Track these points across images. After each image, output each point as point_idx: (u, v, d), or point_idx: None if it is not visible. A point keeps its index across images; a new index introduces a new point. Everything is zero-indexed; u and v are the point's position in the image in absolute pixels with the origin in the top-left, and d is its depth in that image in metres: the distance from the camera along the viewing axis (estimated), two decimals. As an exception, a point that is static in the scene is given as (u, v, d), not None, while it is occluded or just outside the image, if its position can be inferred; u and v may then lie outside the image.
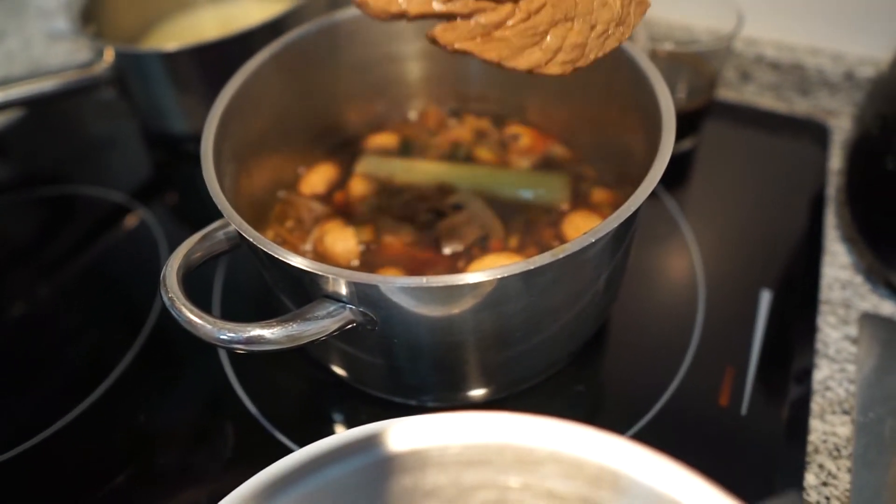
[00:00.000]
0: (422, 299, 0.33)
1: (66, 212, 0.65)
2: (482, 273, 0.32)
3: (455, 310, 0.34)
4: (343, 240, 0.46)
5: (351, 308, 0.34)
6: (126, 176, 0.67)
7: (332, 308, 0.34)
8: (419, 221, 0.47)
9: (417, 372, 0.40)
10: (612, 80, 0.46)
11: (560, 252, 0.32)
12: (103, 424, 0.46)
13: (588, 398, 0.46)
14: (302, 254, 0.46)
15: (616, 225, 0.34)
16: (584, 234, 0.33)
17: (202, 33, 0.71)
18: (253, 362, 0.49)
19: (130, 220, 0.62)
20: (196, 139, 0.40)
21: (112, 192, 0.65)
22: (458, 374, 0.40)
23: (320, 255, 0.46)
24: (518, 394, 0.45)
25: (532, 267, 0.32)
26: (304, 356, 0.48)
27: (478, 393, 0.42)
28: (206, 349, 0.49)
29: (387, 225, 0.47)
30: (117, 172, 0.68)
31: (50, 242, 0.62)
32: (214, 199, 0.37)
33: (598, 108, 0.49)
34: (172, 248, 0.38)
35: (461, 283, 0.32)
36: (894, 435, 0.43)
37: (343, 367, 0.43)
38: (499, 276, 0.31)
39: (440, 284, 0.32)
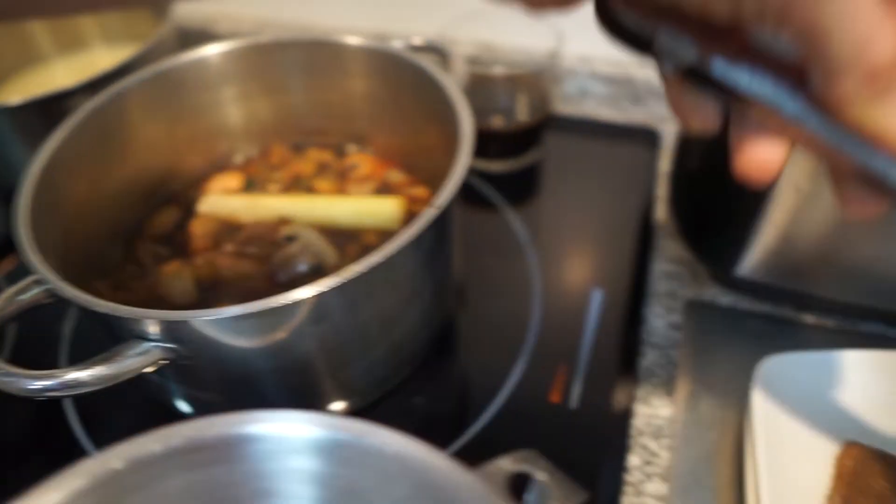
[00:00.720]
0: (223, 328, 0.35)
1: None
2: (276, 298, 0.34)
3: (257, 337, 0.36)
4: (180, 280, 0.47)
5: (160, 345, 0.35)
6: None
7: (141, 347, 0.35)
8: (255, 256, 0.49)
9: (251, 397, 0.42)
10: (430, 106, 0.49)
11: (347, 275, 0.34)
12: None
13: (427, 406, 0.48)
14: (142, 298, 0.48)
15: (413, 235, 0.36)
16: (381, 247, 0.35)
17: (53, 84, 0.71)
18: (102, 415, 0.49)
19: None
20: None
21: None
22: (290, 396, 0.42)
23: (160, 299, 0.47)
24: (363, 409, 0.47)
25: (339, 283, 0.34)
26: (152, 399, 0.49)
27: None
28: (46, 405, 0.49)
29: (225, 262, 0.49)
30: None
31: None
32: (23, 254, 0.38)
33: (424, 134, 0.52)
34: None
35: (254, 310, 0.34)
36: (710, 410, 0.47)
37: (187, 404, 0.45)
38: (283, 303, 0.33)
39: (235, 314, 0.34)
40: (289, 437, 0.28)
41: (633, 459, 0.45)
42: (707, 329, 0.52)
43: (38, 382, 0.34)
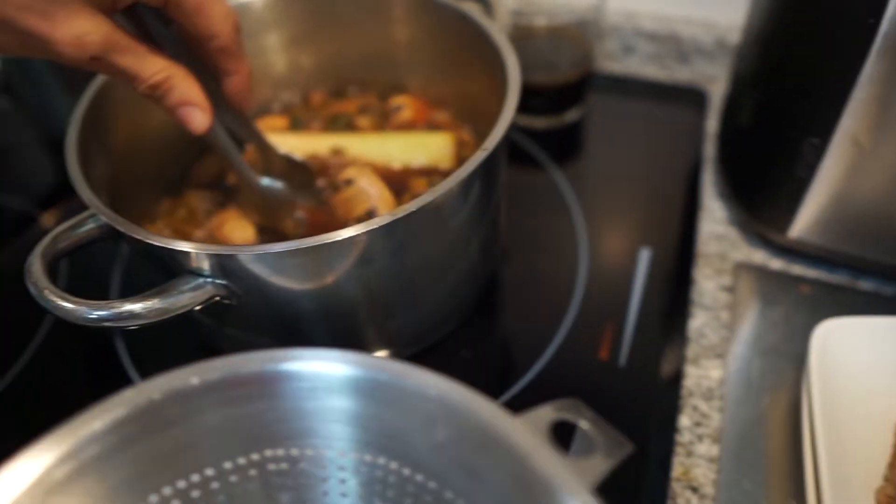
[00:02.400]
0: (272, 266, 0.35)
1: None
2: (324, 236, 0.33)
3: (303, 277, 0.36)
4: (241, 228, 0.46)
5: (212, 281, 0.35)
6: (26, 183, 0.66)
7: (194, 283, 0.35)
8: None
9: (296, 342, 0.41)
10: (474, 54, 0.47)
11: (396, 213, 0.33)
12: None
13: (472, 360, 0.48)
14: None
15: (462, 177, 0.35)
16: (430, 188, 0.35)
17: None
18: (152, 359, 0.49)
19: (32, 227, 0.61)
20: None
21: (12, 199, 0.64)
22: (336, 342, 0.41)
23: (219, 243, 0.47)
24: (408, 357, 0.46)
25: (386, 222, 0.33)
26: (202, 347, 0.49)
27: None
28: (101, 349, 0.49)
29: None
30: (17, 180, 0.67)
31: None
32: (76, 188, 0.37)
33: (468, 83, 0.51)
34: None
35: (303, 246, 0.33)
36: (762, 374, 0.46)
37: (231, 348, 0.44)
38: (329, 241, 0.33)
39: (283, 249, 0.33)
40: (327, 376, 0.27)
41: (684, 420, 0.44)
42: (758, 293, 0.51)
43: (96, 312, 0.34)
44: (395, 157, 0.51)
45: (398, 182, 0.49)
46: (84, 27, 0.31)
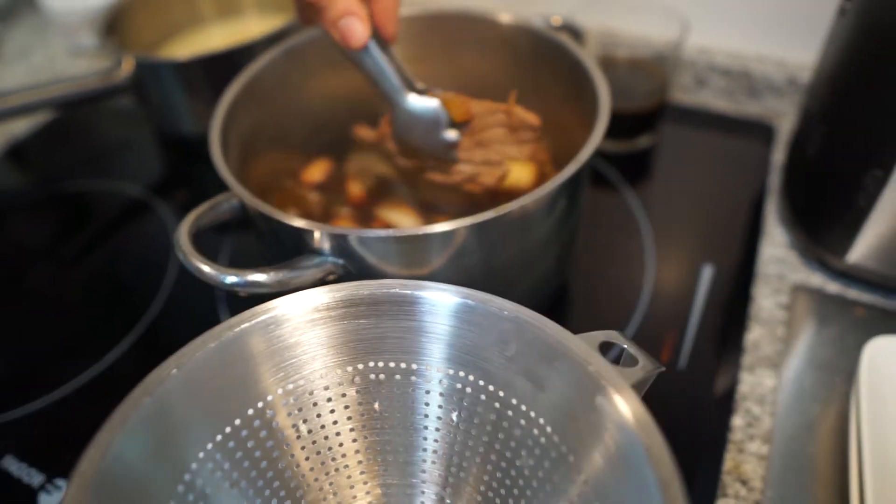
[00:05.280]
0: (376, 249, 0.40)
1: (86, 205, 0.72)
2: (434, 226, 0.38)
3: (419, 261, 0.41)
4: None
5: (331, 260, 0.41)
6: (142, 173, 0.75)
7: (316, 260, 0.41)
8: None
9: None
10: (566, 80, 0.53)
11: (504, 209, 0.39)
12: (106, 393, 0.53)
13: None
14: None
15: (553, 187, 0.40)
16: (525, 195, 0.40)
17: (211, 46, 0.78)
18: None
19: (146, 211, 0.69)
20: (204, 140, 0.47)
21: (129, 187, 0.72)
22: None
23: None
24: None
25: (481, 220, 0.39)
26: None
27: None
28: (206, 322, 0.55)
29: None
30: (134, 170, 0.75)
31: (73, 232, 0.69)
32: (219, 172, 0.44)
33: (558, 107, 0.56)
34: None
35: (416, 233, 0.38)
36: (814, 385, 0.49)
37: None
38: (447, 229, 0.38)
39: (396, 235, 0.39)
40: (432, 301, 0.33)
41: (737, 420, 0.47)
42: (814, 313, 0.54)
43: (230, 278, 0.40)
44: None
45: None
46: None
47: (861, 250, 0.52)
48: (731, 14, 0.72)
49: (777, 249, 0.59)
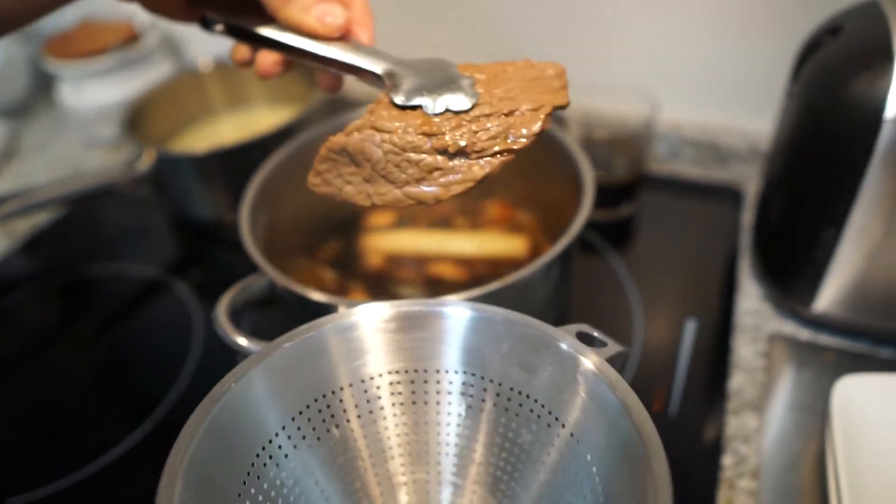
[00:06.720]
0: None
1: (109, 286, 0.77)
2: (442, 300, 0.44)
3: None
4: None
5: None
6: (159, 256, 0.80)
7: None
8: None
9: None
10: (553, 162, 0.59)
11: (506, 280, 0.44)
12: (127, 477, 0.55)
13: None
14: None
15: (549, 258, 0.46)
16: (524, 268, 0.45)
17: (222, 136, 0.85)
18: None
19: (164, 291, 0.74)
20: (218, 225, 0.53)
21: (148, 268, 0.77)
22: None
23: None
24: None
25: (486, 292, 0.44)
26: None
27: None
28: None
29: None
30: (151, 253, 0.81)
31: (92, 311, 0.73)
32: (252, 258, 0.49)
33: (545, 184, 0.62)
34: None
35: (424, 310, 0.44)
36: (795, 425, 0.54)
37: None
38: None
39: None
40: (449, 314, 0.39)
41: (727, 459, 0.52)
42: (790, 358, 0.59)
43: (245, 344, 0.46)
44: (482, 248, 0.63)
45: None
46: None
47: (825, 300, 0.58)
48: (697, 91, 0.80)
49: (752, 302, 0.64)
